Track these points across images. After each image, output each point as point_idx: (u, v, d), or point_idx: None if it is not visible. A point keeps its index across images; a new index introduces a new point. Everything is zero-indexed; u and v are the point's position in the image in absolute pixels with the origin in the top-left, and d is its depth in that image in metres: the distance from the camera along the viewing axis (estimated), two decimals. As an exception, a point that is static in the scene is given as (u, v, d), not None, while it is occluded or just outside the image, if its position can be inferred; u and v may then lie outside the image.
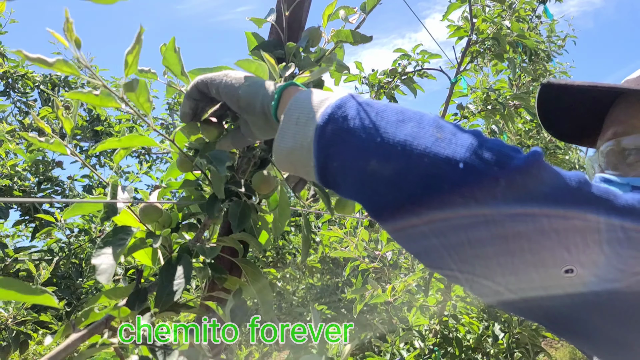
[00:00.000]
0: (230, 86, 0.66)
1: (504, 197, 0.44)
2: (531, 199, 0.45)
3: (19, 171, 2.81)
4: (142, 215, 0.68)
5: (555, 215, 0.45)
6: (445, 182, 0.46)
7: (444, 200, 0.46)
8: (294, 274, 4.35)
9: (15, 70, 3.45)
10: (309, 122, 0.55)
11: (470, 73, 2.69)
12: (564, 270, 0.47)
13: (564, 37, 5.12)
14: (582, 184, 0.46)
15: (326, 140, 0.53)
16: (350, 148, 0.51)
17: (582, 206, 0.45)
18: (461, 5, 2.26)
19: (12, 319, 2.25)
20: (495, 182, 0.44)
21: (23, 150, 2.82)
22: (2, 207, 2.67)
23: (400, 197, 0.48)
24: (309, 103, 0.57)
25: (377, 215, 0.52)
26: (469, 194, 0.45)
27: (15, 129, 3.39)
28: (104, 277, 0.57)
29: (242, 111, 0.66)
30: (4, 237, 3.36)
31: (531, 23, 3.78)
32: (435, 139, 0.47)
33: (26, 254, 2.76)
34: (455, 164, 0.45)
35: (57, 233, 2.83)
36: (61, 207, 2.91)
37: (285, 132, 0.57)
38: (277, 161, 0.60)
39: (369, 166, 0.49)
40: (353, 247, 1.98)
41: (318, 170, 0.55)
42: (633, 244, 0.46)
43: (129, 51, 0.56)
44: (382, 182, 0.49)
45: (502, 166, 0.45)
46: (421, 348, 2.35)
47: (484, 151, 0.46)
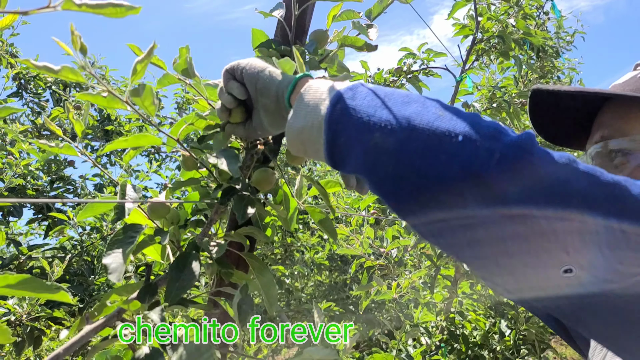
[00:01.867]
0: (252, 69, 0.70)
1: (498, 168, 0.46)
2: (523, 172, 0.46)
3: (32, 170, 2.87)
4: (150, 212, 0.71)
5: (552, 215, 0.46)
6: (443, 152, 0.48)
7: (442, 171, 0.48)
8: (302, 271, 4.38)
9: (27, 71, 3.51)
10: (320, 103, 0.58)
11: (476, 71, 2.70)
12: (562, 270, 0.48)
13: (573, 33, 5.09)
14: (571, 160, 0.48)
15: (335, 118, 0.56)
16: (356, 123, 0.54)
17: (571, 180, 0.47)
18: (466, 3, 2.26)
19: (26, 315, 2.29)
20: (490, 153, 0.47)
21: (36, 150, 2.87)
22: (16, 206, 2.73)
23: (401, 168, 0.50)
24: (322, 88, 0.60)
25: (378, 188, 0.54)
26: (466, 164, 0.47)
27: (28, 129, 3.45)
28: (114, 276, 0.59)
29: (257, 94, 0.70)
30: (17, 235, 3.43)
31: (538, 20, 3.77)
32: (438, 116, 0.50)
33: (39, 251, 2.81)
34: (455, 136, 0.48)
35: (69, 231, 2.88)
36: (73, 206, 2.96)
37: (298, 113, 0.61)
38: (288, 141, 0.63)
39: (373, 139, 0.52)
40: (358, 245, 2.00)
41: (327, 148, 0.57)
42: (630, 245, 0.47)
43: (139, 61, 0.59)
44: (385, 153, 0.51)
45: (498, 140, 0.47)
46: (428, 344, 2.37)
47: (482, 127, 0.49)
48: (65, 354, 0.50)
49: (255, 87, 0.69)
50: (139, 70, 0.60)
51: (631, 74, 0.80)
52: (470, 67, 2.29)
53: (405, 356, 2.07)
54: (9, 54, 3.46)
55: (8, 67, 3.41)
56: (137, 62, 0.59)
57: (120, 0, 0.54)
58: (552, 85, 0.77)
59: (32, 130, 3.53)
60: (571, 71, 4.85)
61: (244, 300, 0.69)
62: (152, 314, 0.58)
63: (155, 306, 0.61)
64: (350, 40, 0.86)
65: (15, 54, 3.52)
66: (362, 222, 2.24)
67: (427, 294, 2.38)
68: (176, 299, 0.59)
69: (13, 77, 3.48)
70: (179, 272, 0.63)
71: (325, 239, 3.87)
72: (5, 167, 2.69)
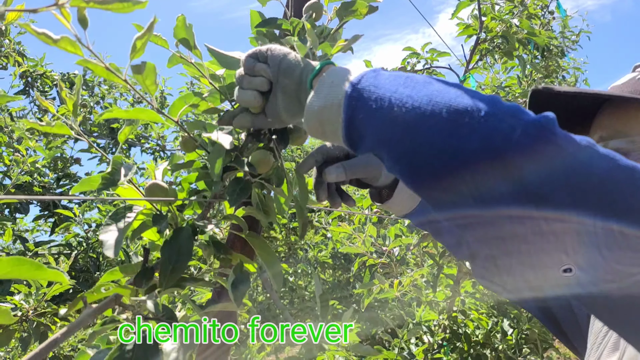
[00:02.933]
0: (278, 50, 0.69)
1: (520, 144, 0.46)
2: (546, 151, 0.46)
3: (38, 168, 2.90)
4: (148, 195, 0.70)
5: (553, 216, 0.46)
6: (464, 126, 0.48)
7: (462, 145, 0.47)
8: (305, 269, 4.39)
9: (34, 69, 3.54)
10: (342, 84, 0.58)
11: (480, 70, 2.70)
12: (562, 269, 0.49)
13: (578, 33, 5.07)
14: (591, 143, 0.48)
15: (356, 95, 0.56)
16: (376, 99, 0.54)
17: (592, 161, 0.47)
18: (470, 3, 2.27)
19: (32, 311, 2.31)
20: (512, 129, 0.46)
21: (42, 147, 2.90)
22: (23, 203, 2.76)
23: (420, 142, 0.50)
24: (345, 71, 0.60)
25: (395, 162, 0.54)
26: (486, 139, 0.47)
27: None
28: (110, 252, 0.59)
29: (280, 74, 0.68)
30: (24, 231, 3.47)
31: (543, 19, 3.76)
32: (459, 94, 0.50)
33: (45, 248, 2.84)
34: (477, 111, 0.48)
35: (75, 228, 2.91)
36: (79, 203, 2.99)
37: (319, 92, 0.60)
38: (306, 121, 0.62)
39: (392, 113, 0.52)
40: (361, 243, 2.01)
41: (345, 125, 0.57)
42: (630, 244, 0.47)
43: (139, 37, 0.57)
44: (404, 127, 0.51)
45: (520, 117, 0.47)
46: (430, 343, 2.38)
47: (503, 105, 0.49)
48: (64, 339, 0.51)
49: (279, 67, 0.68)
50: (138, 47, 0.58)
51: (630, 76, 0.81)
52: (474, 66, 2.30)
53: (407, 354, 2.08)
54: (16, 52, 3.49)
55: (15, 65, 3.45)
56: (137, 38, 0.57)
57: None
58: (551, 86, 0.78)
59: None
60: (576, 71, 4.83)
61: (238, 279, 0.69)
62: (148, 302, 0.59)
63: (152, 290, 0.61)
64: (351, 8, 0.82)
65: (22, 53, 3.55)
66: (365, 221, 2.25)
67: (429, 293, 2.39)
68: (171, 282, 0.59)
69: (20, 75, 3.51)
70: (171, 254, 0.63)
71: (329, 237, 3.88)
72: (12, 164, 2.72)
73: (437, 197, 0.52)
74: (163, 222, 0.65)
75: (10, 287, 2.33)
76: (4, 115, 2.97)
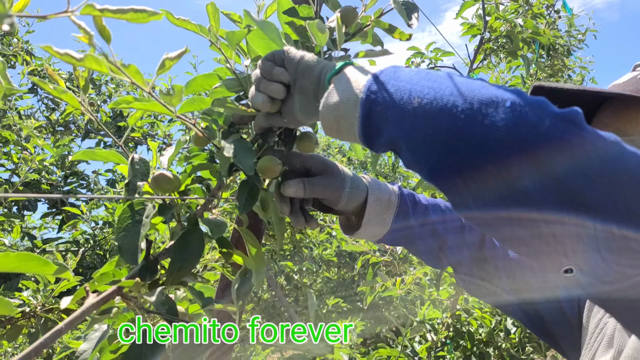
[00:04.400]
0: (295, 53, 0.67)
1: (548, 137, 0.44)
2: (574, 145, 0.45)
3: (46, 165, 2.93)
4: (154, 186, 0.70)
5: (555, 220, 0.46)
6: (489, 116, 0.46)
7: (487, 135, 0.46)
8: (310, 267, 4.41)
9: (42, 68, 3.57)
10: (360, 80, 0.57)
11: (485, 69, 2.70)
12: (563, 270, 0.48)
13: (585, 31, 5.04)
14: (618, 140, 0.47)
15: (374, 89, 0.55)
16: (396, 92, 0.53)
17: (622, 157, 0.46)
18: (474, 3, 2.27)
19: (40, 307, 2.34)
20: (540, 120, 0.45)
21: (50, 145, 2.93)
22: (31, 200, 2.79)
23: (441, 132, 0.48)
24: (365, 69, 0.59)
25: (412, 153, 0.52)
26: (513, 128, 0.45)
27: (43, 124, 3.52)
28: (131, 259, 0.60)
29: (298, 74, 0.66)
30: (32, 228, 3.51)
31: (549, 18, 3.75)
32: (483, 86, 0.49)
33: (53, 245, 2.88)
34: (503, 101, 0.46)
35: (82, 225, 2.95)
36: (87, 201, 3.02)
37: (337, 87, 0.59)
38: (322, 118, 0.61)
39: (412, 104, 0.51)
40: (364, 241, 2.03)
41: (362, 120, 0.56)
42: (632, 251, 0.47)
43: (170, 58, 0.58)
44: (425, 117, 0.50)
45: (546, 110, 0.46)
46: (433, 341, 2.39)
47: (529, 97, 0.47)
48: (67, 329, 0.52)
49: (297, 68, 0.66)
50: (167, 66, 0.59)
51: (631, 75, 0.81)
52: (478, 66, 2.30)
53: (410, 352, 2.10)
54: (25, 52, 3.53)
55: (24, 64, 3.48)
56: (168, 58, 0.58)
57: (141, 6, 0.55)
58: (553, 83, 0.78)
59: (47, 126, 3.60)
60: (582, 70, 4.81)
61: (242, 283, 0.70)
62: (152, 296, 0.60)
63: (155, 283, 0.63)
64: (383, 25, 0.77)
65: (30, 52, 3.58)
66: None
67: (433, 291, 2.40)
68: (178, 280, 0.61)
69: (28, 74, 3.54)
70: (182, 251, 0.63)
71: (334, 235, 3.89)
72: (20, 162, 2.75)
73: (457, 190, 0.50)
74: (169, 213, 0.66)
75: (18, 284, 2.37)
76: (12, 114, 3.01)
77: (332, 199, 0.78)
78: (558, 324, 0.83)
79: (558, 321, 0.83)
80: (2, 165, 2.81)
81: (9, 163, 2.83)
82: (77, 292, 0.64)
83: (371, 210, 0.80)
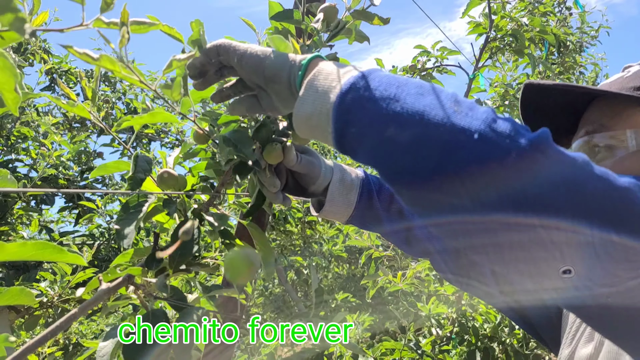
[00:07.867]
0: (255, 56, 0.65)
1: (514, 168, 0.46)
2: (539, 171, 0.46)
3: (63, 161, 3.02)
4: (159, 183, 0.74)
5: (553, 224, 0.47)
6: (460, 149, 0.48)
7: (457, 168, 0.47)
8: (320, 262, 4.46)
9: (59, 66, 3.67)
10: (330, 90, 0.57)
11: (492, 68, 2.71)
12: (561, 271, 0.50)
13: (598, 28, 5.00)
14: (586, 162, 0.48)
15: (346, 107, 0.55)
16: (369, 115, 0.53)
17: (587, 181, 0.47)
18: (481, 2, 2.29)
19: (57, 297, 2.42)
20: (507, 153, 0.46)
21: (67, 141, 3.02)
22: (49, 195, 2.88)
23: (415, 163, 0.50)
24: (332, 73, 0.58)
25: (391, 181, 0.54)
26: (481, 163, 0.47)
27: (60, 121, 3.62)
28: (125, 242, 0.65)
29: (267, 81, 0.65)
30: (49, 222, 3.61)
31: (560, 15, 3.73)
32: (453, 111, 0.49)
33: (69, 238, 2.97)
34: (471, 134, 0.47)
35: (98, 219, 3.03)
36: (102, 195, 3.11)
37: (305, 99, 0.59)
38: (296, 125, 0.62)
39: (386, 133, 0.51)
40: (367, 237, 2.07)
41: (335, 137, 0.56)
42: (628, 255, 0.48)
43: (178, 59, 0.64)
44: (398, 148, 0.51)
45: (514, 139, 0.47)
46: (439, 335, 2.43)
47: (498, 125, 0.48)
48: (81, 314, 0.58)
49: (264, 75, 0.65)
50: (174, 66, 0.65)
51: (618, 75, 0.82)
52: (484, 65, 2.32)
53: (413, 344, 2.14)
54: (42, 50, 3.62)
55: (41, 62, 3.58)
56: (175, 60, 0.63)
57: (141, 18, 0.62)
58: (543, 80, 0.80)
59: (64, 123, 3.70)
60: (595, 67, 4.77)
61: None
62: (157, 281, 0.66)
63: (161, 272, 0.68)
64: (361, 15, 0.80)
65: (48, 50, 3.68)
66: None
67: (438, 287, 2.43)
68: (179, 266, 0.67)
69: (46, 72, 3.64)
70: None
71: (341, 231, 3.94)
72: (38, 158, 2.85)
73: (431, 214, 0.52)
74: (172, 207, 0.72)
75: (36, 275, 2.45)
76: (30, 111, 3.10)
77: (313, 175, 0.83)
78: (541, 318, 0.85)
79: (541, 315, 0.85)
80: (21, 161, 2.91)
81: (28, 158, 2.92)
82: (91, 283, 0.70)
83: (334, 189, 0.85)
